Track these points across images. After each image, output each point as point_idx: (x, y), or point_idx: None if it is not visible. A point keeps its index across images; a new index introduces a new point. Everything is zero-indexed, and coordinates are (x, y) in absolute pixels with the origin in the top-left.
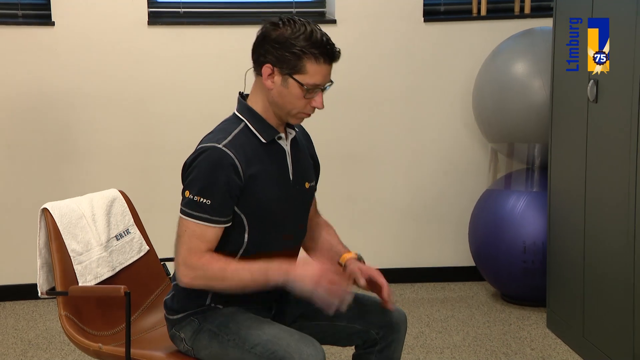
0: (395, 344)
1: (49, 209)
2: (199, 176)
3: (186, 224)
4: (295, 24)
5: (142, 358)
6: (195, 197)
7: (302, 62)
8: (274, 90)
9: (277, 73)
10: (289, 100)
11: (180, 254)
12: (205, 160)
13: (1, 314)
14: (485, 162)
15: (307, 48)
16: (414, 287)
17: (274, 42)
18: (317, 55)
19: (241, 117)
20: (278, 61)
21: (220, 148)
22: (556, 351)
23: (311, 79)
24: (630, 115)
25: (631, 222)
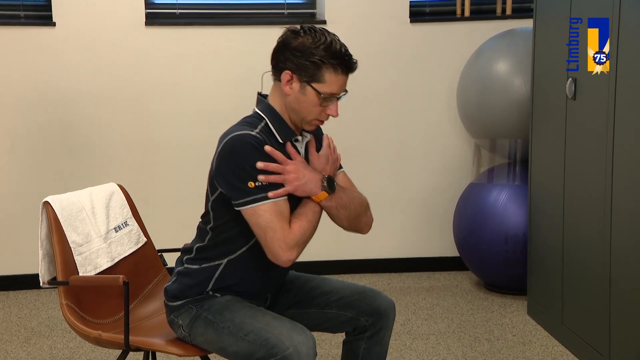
0: (384, 330)
1: (50, 202)
2: (247, 163)
3: (264, 208)
4: (316, 34)
5: (140, 344)
6: (257, 183)
7: (321, 71)
8: (292, 96)
9: (296, 80)
10: (305, 106)
11: (276, 240)
12: (245, 147)
13: (5, 303)
14: (469, 156)
15: (326, 58)
16: (401, 277)
17: (294, 50)
18: (335, 65)
19: (262, 115)
20: (297, 69)
21: (255, 135)
22: (536, 337)
23: (328, 88)
24: (606, 112)
25: (607, 214)
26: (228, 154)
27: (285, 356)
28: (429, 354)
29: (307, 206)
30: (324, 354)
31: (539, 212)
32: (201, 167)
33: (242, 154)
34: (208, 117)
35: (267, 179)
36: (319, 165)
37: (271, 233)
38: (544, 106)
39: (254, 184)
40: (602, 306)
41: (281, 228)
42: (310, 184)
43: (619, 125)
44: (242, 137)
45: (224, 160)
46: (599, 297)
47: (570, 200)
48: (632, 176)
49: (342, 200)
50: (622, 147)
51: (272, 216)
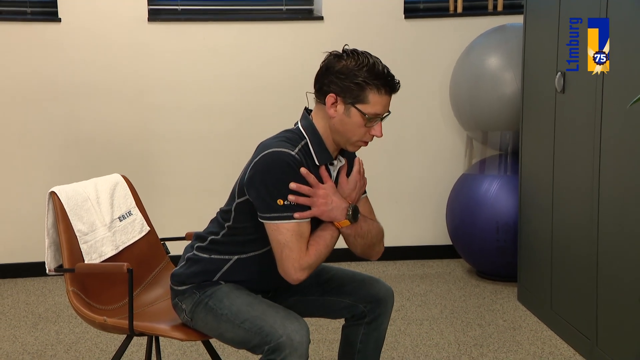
0: (383, 317)
1: (56, 192)
2: (281, 181)
3: (287, 227)
4: (359, 57)
5: (144, 329)
6: (286, 202)
7: (365, 92)
8: (336, 118)
9: (340, 102)
10: (350, 128)
11: (291, 260)
12: (282, 165)
13: (13, 290)
14: (461, 148)
15: (370, 79)
16: (396, 264)
17: (338, 73)
18: (379, 86)
19: (305, 133)
20: (342, 91)
21: (294, 155)
22: (526, 322)
23: (372, 109)
24: (594, 106)
25: (595, 204)
26: (264, 168)
27: (278, 344)
28: (422, 339)
29: (327, 230)
30: (321, 339)
31: (529, 202)
32: (202, 158)
33: (278, 172)
34: (208, 110)
35: (296, 200)
36: (346, 190)
37: (288, 252)
38: (534, 99)
39: (282, 201)
40: (590, 292)
41: (298, 249)
42: (336, 211)
43: (606, 118)
44: (281, 155)
45: (259, 173)
46: (586, 284)
47: (559, 190)
48: (618, 167)
49: (362, 230)
50: (609, 139)
51: (292, 236)
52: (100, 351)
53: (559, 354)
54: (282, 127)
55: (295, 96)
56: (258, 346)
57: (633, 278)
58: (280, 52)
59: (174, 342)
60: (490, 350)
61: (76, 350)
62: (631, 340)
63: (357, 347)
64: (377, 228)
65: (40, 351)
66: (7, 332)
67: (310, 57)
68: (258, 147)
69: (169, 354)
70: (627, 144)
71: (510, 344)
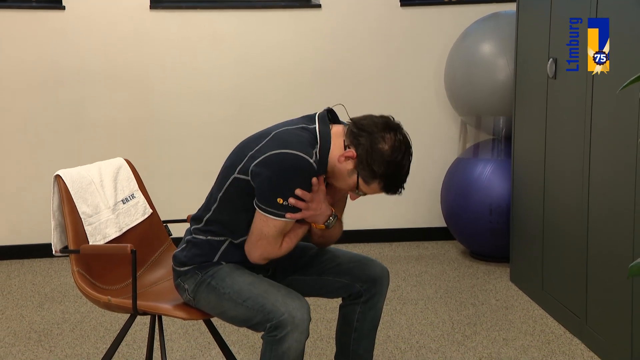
0: (378, 296)
1: (61, 175)
2: (289, 185)
3: (275, 223)
4: (395, 151)
5: (147, 309)
6: (284, 202)
7: (374, 179)
8: (340, 166)
9: (352, 162)
10: (342, 181)
11: (263, 249)
12: (298, 172)
13: (20, 271)
14: (455, 133)
15: (384, 177)
16: (392, 246)
17: (371, 148)
18: (387, 187)
19: (318, 140)
20: (361, 160)
21: (312, 163)
22: (518, 302)
23: (367, 190)
24: (585, 90)
25: (585, 186)
26: (278, 166)
27: (280, 321)
28: (417, 318)
29: (302, 227)
30: (319, 318)
31: (522, 184)
32: (203, 142)
33: (291, 176)
34: (209, 96)
35: (295, 204)
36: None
37: (264, 242)
38: (527, 85)
39: (282, 201)
40: (580, 272)
41: (274, 244)
42: (321, 217)
43: (597, 103)
44: (301, 162)
45: (272, 167)
46: (576, 264)
47: (550, 173)
48: (607, 150)
49: (328, 234)
50: (599, 123)
51: (275, 232)
52: (104, 330)
53: (550, 332)
54: (280, 112)
55: (293, 82)
56: (260, 324)
57: (622, 259)
58: (279, 39)
59: (177, 321)
60: (483, 329)
61: (81, 329)
62: (619, 318)
63: (354, 326)
64: (339, 232)
65: (47, 330)
66: (14, 312)
67: (308, 44)
68: (275, 136)
69: (171, 333)
70: (617, 127)
71: (503, 322)
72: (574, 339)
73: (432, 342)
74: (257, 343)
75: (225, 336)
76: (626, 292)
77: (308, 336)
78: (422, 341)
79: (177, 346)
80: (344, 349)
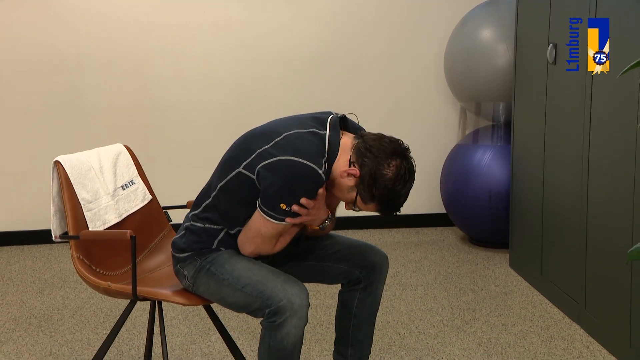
0: (377, 282)
1: (60, 161)
2: (296, 194)
3: (274, 225)
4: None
5: (147, 294)
6: (287, 208)
7: (371, 201)
8: (339, 180)
9: (354, 181)
10: (339, 192)
11: (256, 246)
12: (307, 183)
13: (20, 257)
14: (455, 119)
15: (383, 201)
16: (391, 232)
17: (375, 173)
18: (382, 210)
19: (327, 149)
20: (363, 179)
21: (321, 174)
22: (517, 287)
23: (363, 208)
24: (585, 76)
25: (584, 172)
26: (288, 174)
27: (279, 307)
28: (417, 304)
29: (297, 227)
30: (319, 304)
31: (521, 170)
32: (202, 128)
33: (299, 186)
34: (208, 82)
35: (298, 211)
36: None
37: (259, 240)
38: (526, 71)
39: (285, 206)
40: (579, 258)
41: (269, 243)
42: (317, 220)
43: (596, 88)
44: (311, 174)
45: (281, 173)
46: (575, 250)
47: (550, 159)
48: (607, 136)
49: (319, 233)
50: (599, 109)
51: (272, 232)
52: (105, 315)
53: (549, 317)
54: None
55: (294, 68)
56: (259, 309)
57: (621, 244)
58: (279, 26)
59: (176, 307)
60: (482, 315)
61: (81, 315)
62: (618, 303)
63: (354, 312)
64: (328, 231)
65: (47, 315)
66: (14, 297)
67: (308, 30)
68: (287, 139)
69: (171, 319)
70: (616, 113)
71: (502, 308)
72: (572, 324)
73: (431, 328)
74: (256, 329)
75: (225, 322)
76: (625, 278)
77: (307, 322)
78: (421, 327)
79: (177, 332)
80: (344, 334)
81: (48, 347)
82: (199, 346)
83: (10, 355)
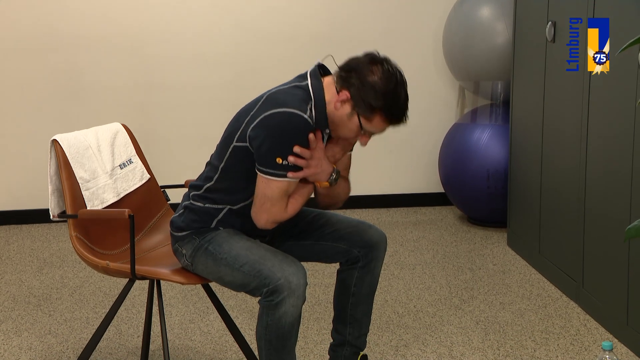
0: (376, 261)
1: (58, 140)
2: (287, 143)
3: (277, 184)
4: (389, 79)
5: (145, 273)
6: (284, 162)
7: (374, 114)
8: (339, 113)
9: (349, 104)
10: (344, 128)
11: (269, 213)
12: (294, 129)
13: (18, 236)
14: (453, 98)
15: (385, 109)
16: (390, 212)
17: (363, 83)
18: (390, 117)
19: (312, 95)
20: (356, 97)
21: (307, 119)
22: (515, 266)
23: (372, 128)
24: (584, 54)
25: (583, 152)
26: (275, 126)
27: (277, 286)
28: (415, 283)
29: (307, 187)
30: (317, 283)
31: (519, 149)
32: (201, 107)
33: (288, 133)
34: (206, 61)
35: (295, 162)
36: (332, 156)
37: (269, 205)
38: (525, 49)
39: (281, 160)
40: (576, 236)
41: (279, 206)
42: (323, 175)
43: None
44: (296, 119)
45: (269, 128)
46: (573, 229)
47: (548, 138)
48: (605, 114)
49: (334, 192)
50: (597, 87)
51: (279, 193)
52: (103, 294)
53: (547, 295)
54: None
55: (292, 46)
56: (257, 288)
57: (618, 223)
58: (277, 4)
59: (175, 286)
60: (480, 293)
61: (80, 294)
62: (615, 281)
63: (352, 291)
64: (346, 191)
65: (46, 294)
66: (13, 277)
67: (306, 9)
68: (269, 98)
69: (170, 297)
70: (614, 91)
71: (500, 286)
72: (570, 302)
73: (429, 307)
74: (255, 308)
75: (224, 301)
76: (622, 256)
77: (304, 301)
78: (419, 305)
79: (175, 311)
80: (342, 313)
81: (47, 326)
82: (197, 325)
83: (10, 334)
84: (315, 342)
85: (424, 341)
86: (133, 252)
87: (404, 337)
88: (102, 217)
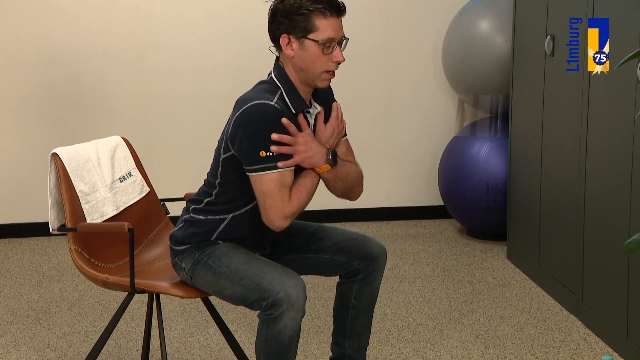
0: (376, 274)
1: (58, 153)
2: (262, 133)
3: (270, 177)
4: None
5: (145, 287)
6: (268, 153)
7: (311, 20)
8: (296, 57)
9: (293, 39)
10: (310, 61)
11: (274, 209)
12: (263, 117)
13: (18, 249)
14: (453, 111)
15: (311, 5)
16: (389, 225)
17: (282, 12)
18: (322, 10)
19: (278, 83)
20: (290, 28)
21: (273, 105)
22: (515, 279)
23: (324, 34)
24: (582, 68)
25: (582, 165)
26: (246, 121)
27: (276, 299)
28: (415, 296)
29: (308, 177)
30: (317, 297)
31: (519, 163)
32: (199, 119)
33: (259, 124)
34: (206, 72)
35: (278, 150)
36: (324, 137)
37: (271, 201)
38: (524, 62)
39: (265, 153)
40: (576, 250)
41: (281, 198)
42: (317, 157)
43: (594, 80)
44: (262, 107)
45: (241, 126)
46: (573, 242)
47: (547, 151)
48: (604, 128)
49: (341, 173)
50: (596, 101)
51: (275, 186)
52: (103, 308)
53: (546, 309)
54: None
55: None
56: (256, 302)
57: (617, 236)
58: None
59: (174, 300)
60: (480, 307)
61: (80, 307)
62: (615, 295)
63: (352, 303)
64: (356, 170)
65: (45, 308)
66: (12, 290)
67: None
68: (237, 102)
69: (169, 311)
70: (614, 105)
71: (500, 300)
72: (570, 316)
73: (429, 320)
74: (254, 321)
75: (223, 314)
76: (622, 269)
77: (304, 314)
78: (419, 319)
79: (175, 324)
80: (342, 326)
81: (46, 339)
82: (197, 339)
83: (8, 348)
84: (314, 355)
85: (423, 355)
86: (132, 266)
87: (404, 351)
88: (101, 231)
